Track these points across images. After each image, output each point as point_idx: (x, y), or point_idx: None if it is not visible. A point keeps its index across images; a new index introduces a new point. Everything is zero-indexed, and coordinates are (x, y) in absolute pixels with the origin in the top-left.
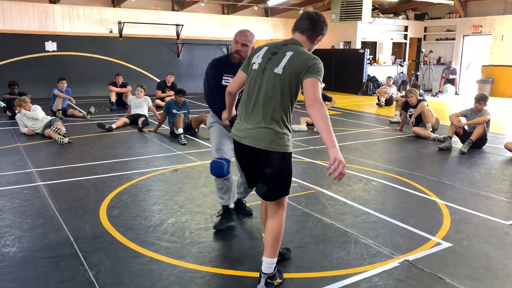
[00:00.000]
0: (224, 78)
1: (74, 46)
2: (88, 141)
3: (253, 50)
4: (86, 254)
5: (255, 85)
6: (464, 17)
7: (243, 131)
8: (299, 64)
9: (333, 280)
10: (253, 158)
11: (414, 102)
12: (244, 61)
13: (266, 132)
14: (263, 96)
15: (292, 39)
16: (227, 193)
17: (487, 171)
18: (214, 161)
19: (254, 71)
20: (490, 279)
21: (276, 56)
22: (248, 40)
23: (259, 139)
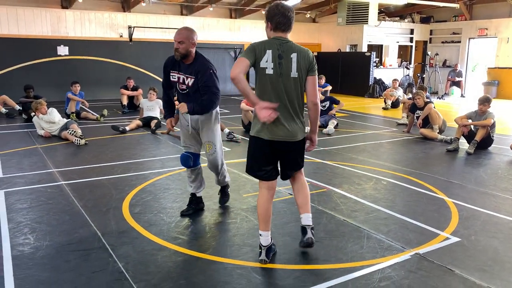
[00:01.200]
0: (171, 74)
1: (86, 50)
2: (103, 143)
3: (253, 48)
4: (114, 247)
5: (277, 90)
6: (469, 20)
7: (280, 131)
8: (306, 62)
9: (348, 271)
10: (283, 151)
11: (422, 104)
12: (182, 55)
13: (297, 128)
14: (288, 99)
15: (282, 38)
16: (194, 182)
17: (493, 171)
18: (181, 154)
19: (271, 76)
20: (497, 271)
21: (283, 60)
22: (183, 37)
23: (293, 135)
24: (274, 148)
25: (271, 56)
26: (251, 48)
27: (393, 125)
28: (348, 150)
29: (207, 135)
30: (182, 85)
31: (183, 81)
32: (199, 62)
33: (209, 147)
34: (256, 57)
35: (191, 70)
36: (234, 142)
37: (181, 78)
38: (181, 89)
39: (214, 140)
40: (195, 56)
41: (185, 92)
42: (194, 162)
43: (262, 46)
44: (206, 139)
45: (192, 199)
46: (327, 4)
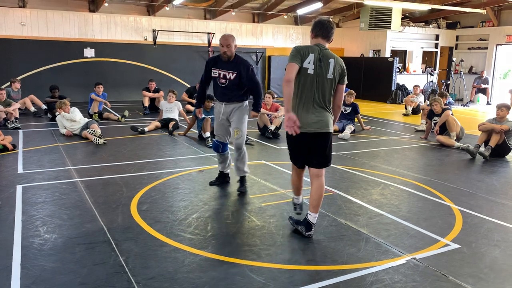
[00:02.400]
0: (213, 71)
1: (111, 53)
2: (122, 143)
3: (298, 51)
4: (118, 242)
5: (313, 86)
6: (497, 26)
7: (313, 123)
8: (340, 69)
9: (342, 273)
10: (314, 141)
11: (439, 110)
12: (230, 57)
13: (328, 120)
14: (322, 95)
15: (321, 45)
16: (222, 163)
17: (507, 179)
18: (213, 141)
19: (311, 75)
20: (492, 278)
21: (322, 63)
22: (230, 42)
23: (326, 125)
24: (309, 139)
25: (312, 59)
26: (297, 51)
27: (411, 131)
28: (361, 155)
29: (236, 123)
30: (222, 79)
31: (224, 76)
32: (240, 60)
33: (237, 133)
34: (301, 59)
35: (232, 67)
36: (248, 144)
37: (221, 74)
38: (220, 83)
39: (241, 127)
40: (235, 56)
41: (224, 85)
42: (223, 149)
43: (306, 49)
44: (235, 126)
45: (220, 174)
46: (350, 9)
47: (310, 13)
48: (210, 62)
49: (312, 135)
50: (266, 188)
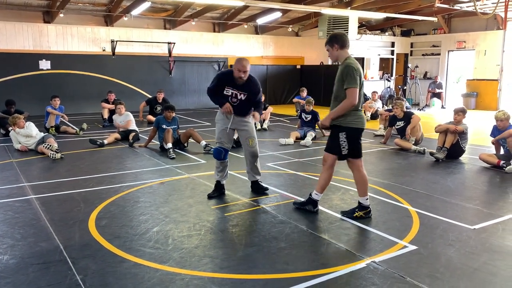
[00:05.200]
0: (225, 89)
1: (68, 65)
2: (80, 157)
3: (358, 70)
4: (75, 260)
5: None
6: (448, 33)
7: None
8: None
9: (304, 280)
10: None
11: (400, 114)
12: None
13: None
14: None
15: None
16: (222, 172)
17: (461, 180)
18: (215, 148)
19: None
20: (447, 277)
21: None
22: (247, 68)
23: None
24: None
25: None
26: (355, 73)
27: (371, 136)
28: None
29: (248, 132)
30: (234, 98)
31: (235, 96)
32: (252, 82)
33: (252, 141)
34: (361, 80)
35: (245, 88)
36: (211, 154)
37: (234, 94)
38: (232, 101)
39: (254, 135)
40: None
41: (236, 103)
42: (224, 156)
43: (358, 66)
44: (249, 135)
45: (217, 185)
46: (309, 18)
47: (270, 22)
48: (223, 79)
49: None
50: (229, 198)
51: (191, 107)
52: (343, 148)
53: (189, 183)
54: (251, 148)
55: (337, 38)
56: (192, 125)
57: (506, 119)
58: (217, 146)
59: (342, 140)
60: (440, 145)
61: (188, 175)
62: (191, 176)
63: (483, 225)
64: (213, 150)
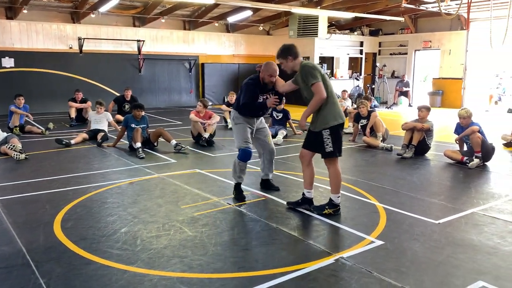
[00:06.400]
0: (260, 96)
1: (33, 62)
2: (46, 157)
3: (315, 67)
4: (38, 263)
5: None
6: (415, 33)
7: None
8: (299, 74)
9: (273, 277)
10: None
11: (365, 113)
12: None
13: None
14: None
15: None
16: (243, 172)
17: (426, 176)
18: (243, 149)
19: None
20: (413, 271)
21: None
22: (277, 73)
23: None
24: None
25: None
26: (316, 71)
27: None
28: (293, 159)
29: (267, 130)
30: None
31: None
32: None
33: (270, 139)
34: (325, 77)
35: (272, 89)
36: (181, 153)
37: (264, 97)
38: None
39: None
40: None
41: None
42: (250, 156)
43: (314, 63)
44: (267, 133)
45: (239, 187)
46: (279, 17)
47: (241, 21)
48: (256, 89)
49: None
50: (200, 197)
51: (161, 105)
52: (327, 146)
53: (158, 183)
54: (271, 146)
55: (290, 50)
56: (162, 124)
57: (468, 116)
58: (244, 147)
59: (326, 137)
60: (405, 143)
61: (158, 175)
62: (161, 175)
63: (447, 219)
64: (241, 151)
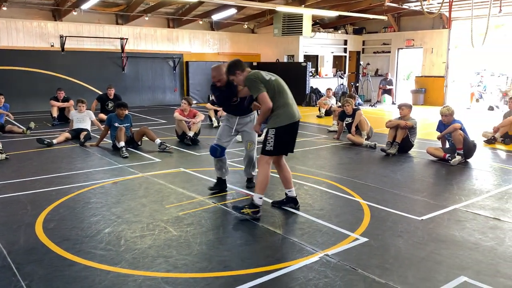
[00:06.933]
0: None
1: (13, 60)
2: (27, 157)
3: (258, 77)
4: (19, 265)
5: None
6: (398, 31)
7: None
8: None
9: (258, 276)
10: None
11: (350, 111)
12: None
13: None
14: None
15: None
16: (220, 170)
17: (409, 173)
18: (211, 145)
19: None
20: (396, 267)
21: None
22: (214, 78)
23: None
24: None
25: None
26: (260, 80)
27: (325, 132)
28: None
29: (249, 136)
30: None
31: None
32: (234, 84)
33: (250, 145)
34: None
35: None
36: (166, 152)
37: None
38: (233, 101)
39: (254, 140)
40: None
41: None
42: (220, 154)
43: (258, 71)
44: (249, 139)
45: (219, 181)
46: (264, 16)
47: (225, 19)
48: (216, 91)
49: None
50: (184, 197)
51: (145, 104)
52: (268, 144)
53: (142, 183)
54: (249, 152)
55: (237, 65)
56: (146, 123)
57: (450, 114)
58: (214, 143)
59: (269, 137)
60: (390, 140)
61: (142, 174)
62: (145, 175)
63: (430, 216)
64: (210, 147)
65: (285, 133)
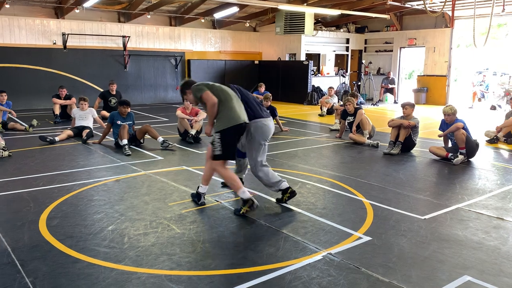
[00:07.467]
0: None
1: (15, 58)
2: (30, 154)
3: (201, 83)
4: (24, 262)
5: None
6: (400, 30)
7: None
8: None
9: (261, 274)
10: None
11: (352, 110)
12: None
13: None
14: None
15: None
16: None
17: (411, 173)
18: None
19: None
20: (399, 266)
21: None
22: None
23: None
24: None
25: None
26: (210, 88)
27: (327, 131)
28: (280, 156)
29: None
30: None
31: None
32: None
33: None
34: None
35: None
36: (168, 150)
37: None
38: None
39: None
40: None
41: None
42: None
43: (201, 83)
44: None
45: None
46: (266, 14)
47: (227, 17)
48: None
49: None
50: (187, 195)
51: (147, 102)
52: (215, 149)
53: (145, 180)
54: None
55: (186, 84)
56: (148, 121)
57: (453, 113)
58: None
59: (216, 141)
60: (392, 140)
61: (145, 172)
62: (147, 173)
63: (432, 215)
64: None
65: (230, 135)
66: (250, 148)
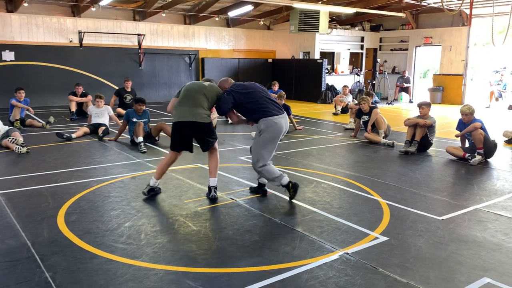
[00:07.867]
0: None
1: (33, 56)
2: (47, 151)
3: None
4: (43, 257)
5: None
6: (416, 28)
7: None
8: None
9: (278, 273)
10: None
11: (367, 109)
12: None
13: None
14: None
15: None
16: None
17: (428, 173)
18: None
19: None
20: (417, 267)
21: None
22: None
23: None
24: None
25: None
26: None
27: (341, 130)
28: (295, 154)
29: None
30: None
31: None
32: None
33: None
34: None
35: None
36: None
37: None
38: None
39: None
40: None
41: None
42: None
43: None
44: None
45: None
46: (280, 12)
47: (242, 15)
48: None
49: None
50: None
51: (161, 100)
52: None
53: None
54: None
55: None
56: (163, 118)
57: (471, 113)
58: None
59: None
60: (408, 139)
61: None
62: None
63: (450, 215)
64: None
65: (174, 130)
66: (257, 143)
